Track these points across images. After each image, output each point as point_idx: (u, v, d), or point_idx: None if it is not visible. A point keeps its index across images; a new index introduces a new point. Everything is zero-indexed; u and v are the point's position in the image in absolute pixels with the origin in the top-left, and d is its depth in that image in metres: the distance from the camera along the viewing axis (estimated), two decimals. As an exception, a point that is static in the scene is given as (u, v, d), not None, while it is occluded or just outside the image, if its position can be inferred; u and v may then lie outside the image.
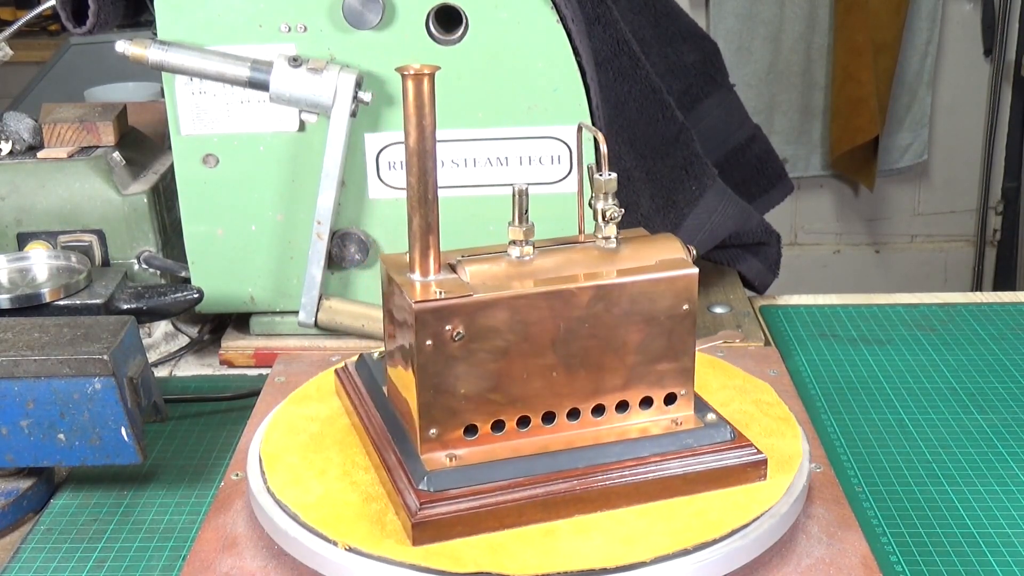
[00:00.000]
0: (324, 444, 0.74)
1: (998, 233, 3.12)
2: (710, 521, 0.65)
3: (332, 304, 1.02)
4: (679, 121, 1.09)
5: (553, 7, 0.96)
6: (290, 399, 0.80)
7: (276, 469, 0.71)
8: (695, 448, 0.68)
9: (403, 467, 0.66)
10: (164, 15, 0.97)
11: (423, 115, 0.64)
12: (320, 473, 0.70)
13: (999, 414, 0.93)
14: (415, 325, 0.64)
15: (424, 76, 0.63)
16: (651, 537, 0.64)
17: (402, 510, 0.64)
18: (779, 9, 2.85)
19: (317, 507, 0.67)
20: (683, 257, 0.70)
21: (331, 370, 0.84)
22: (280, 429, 0.76)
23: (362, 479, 0.70)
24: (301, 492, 0.68)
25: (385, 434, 0.70)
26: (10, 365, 0.76)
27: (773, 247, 1.20)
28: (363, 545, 0.63)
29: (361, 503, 0.67)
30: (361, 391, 0.75)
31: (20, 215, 1.05)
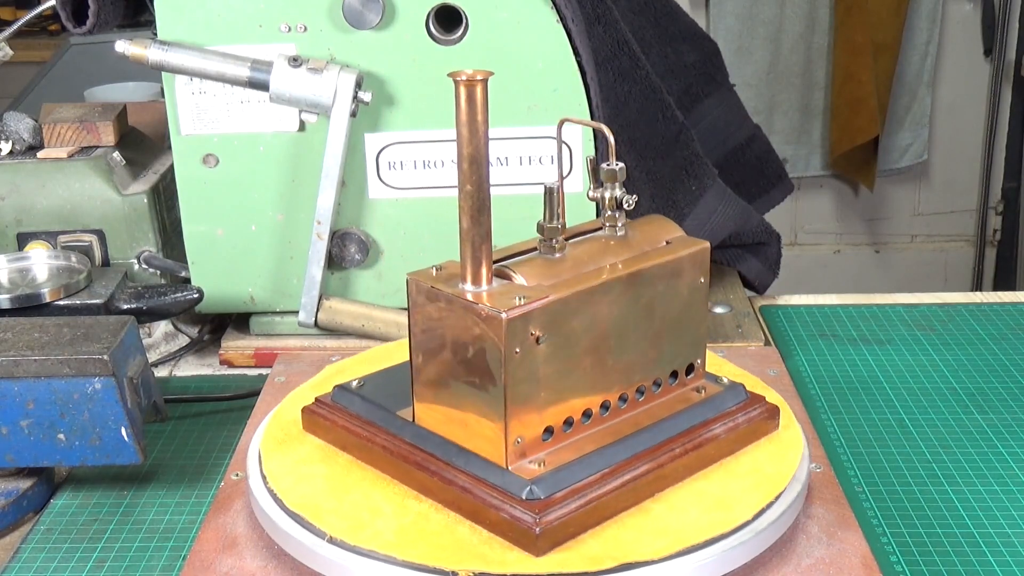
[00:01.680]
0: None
1: (998, 233, 3.12)
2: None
3: (332, 304, 1.02)
4: (679, 121, 1.09)
5: (553, 7, 0.96)
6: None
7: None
8: (729, 410, 0.73)
9: (486, 483, 0.65)
10: (164, 15, 0.97)
11: (476, 121, 0.63)
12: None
13: (999, 414, 0.93)
14: (504, 334, 0.63)
15: (477, 82, 0.62)
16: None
17: (507, 524, 0.63)
18: (779, 9, 2.85)
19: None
20: (683, 234, 0.74)
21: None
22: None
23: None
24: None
25: (430, 455, 0.68)
26: (10, 365, 0.76)
27: (773, 247, 1.20)
28: (475, 564, 0.61)
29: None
30: (361, 420, 0.72)
31: (20, 215, 1.05)
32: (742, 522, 0.64)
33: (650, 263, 0.70)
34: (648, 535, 0.64)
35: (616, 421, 0.70)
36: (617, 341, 0.69)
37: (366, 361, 0.82)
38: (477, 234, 0.64)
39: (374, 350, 0.85)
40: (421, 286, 0.67)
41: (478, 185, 0.64)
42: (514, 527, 0.63)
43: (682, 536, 0.64)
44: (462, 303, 0.64)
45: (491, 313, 0.63)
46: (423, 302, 0.67)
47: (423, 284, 0.67)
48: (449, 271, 0.68)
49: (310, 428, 0.74)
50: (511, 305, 0.63)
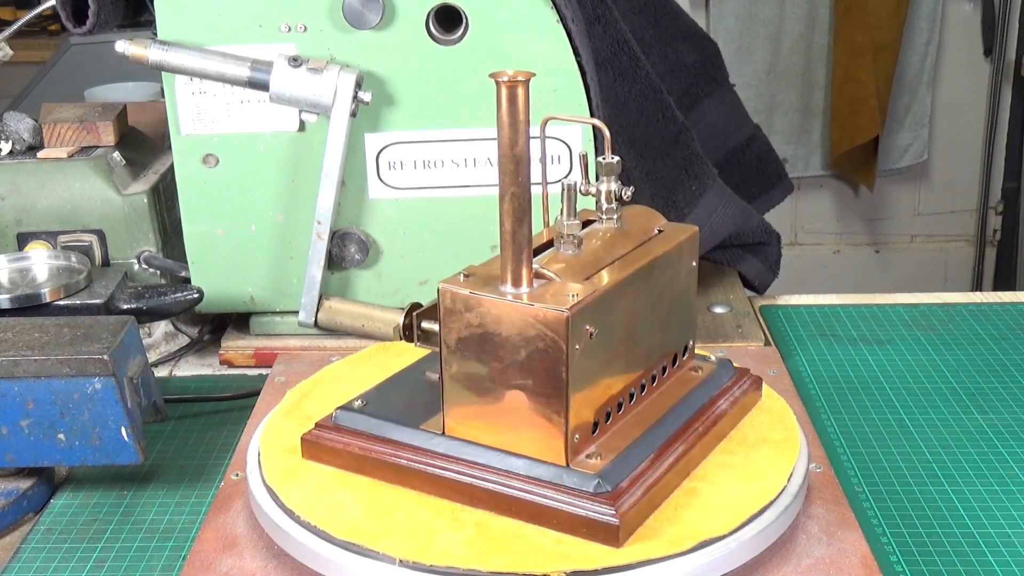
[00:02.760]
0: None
1: (998, 233, 3.12)
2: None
3: (332, 304, 1.02)
4: (679, 121, 1.09)
5: (553, 7, 0.96)
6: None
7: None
8: (727, 385, 0.76)
9: (548, 483, 0.65)
10: (164, 15, 0.97)
11: (519, 122, 0.62)
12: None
13: (999, 414, 0.93)
14: (567, 332, 0.63)
15: (519, 83, 0.62)
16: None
17: (582, 521, 0.63)
18: (779, 9, 2.85)
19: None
20: (666, 222, 0.76)
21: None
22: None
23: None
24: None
25: (473, 464, 0.67)
26: (10, 365, 0.76)
27: (773, 247, 1.20)
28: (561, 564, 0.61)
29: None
30: (381, 439, 0.70)
31: (20, 215, 1.05)
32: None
33: (660, 251, 0.72)
34: (707, 512, 0.66)
35: (641, 407, 0.72)
36: (639, 329, 0.71)
37: (324, 383, 0.81)
38: (523, 236, 0.64)
39: (328, 371, 0.83)
40: (458, 295, 0.66)
41: (524, 187, 0.63)
42: (591, 522, 0.63)
43: (737, 509, 0.66)
44: (515, 306, 0.64)
45: (552, 312, 0.63)
46: (461, 311, 0.66)
47: (460, 293, 0.65)
48: (481, 276, 0.67)
49: (314, 456, 0.72)
50: (569, 303, 0.63)
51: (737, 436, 0.74)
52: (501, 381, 0.66)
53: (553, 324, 0.63)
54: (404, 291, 1.04)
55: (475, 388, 0.67)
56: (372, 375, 0.80)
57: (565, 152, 1.00)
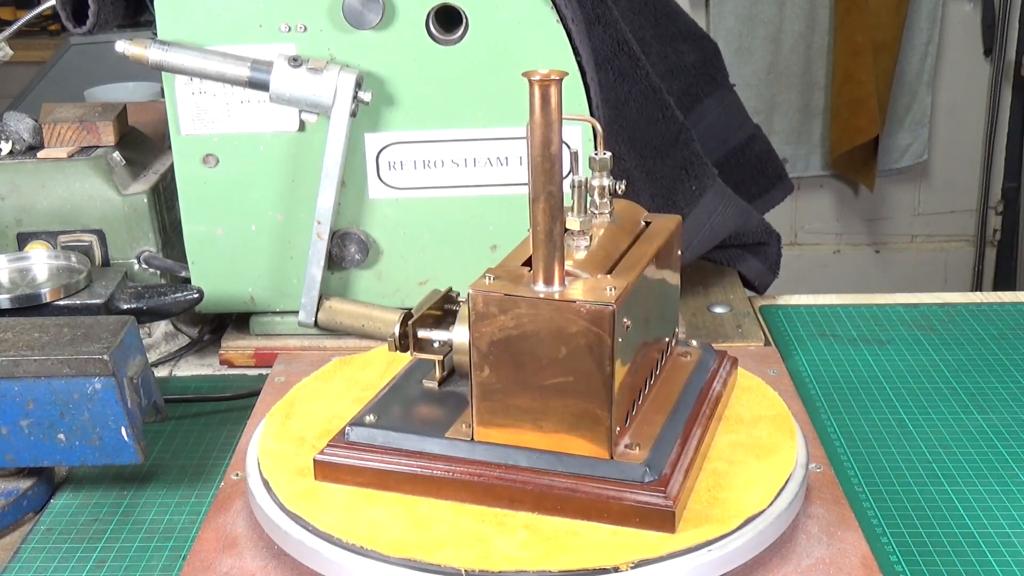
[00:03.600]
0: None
1: (998, 233, 3.12)
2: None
3: (332, 304, 1.02)
4: (679, 121, 1.09)
5: (553, 7, 0.96)
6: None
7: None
8: (715, 368, 0.79)
9: (596, 478, 0.65)
10: (164, 15, 0.97)
11: (552, 122, 0.62)
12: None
13: (999, 414, 0.93)
14: (612, 327, 0.63)
15: (552, 82, 0.62)
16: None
17: (636, 511, 0.64)
18: (779, 9, 2.85)
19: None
20: (647, 212, 0.78)
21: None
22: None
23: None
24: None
25: (512, 467, 0.67)
26: (10, 365, 0.75)
27: (773, 247, 1.20)
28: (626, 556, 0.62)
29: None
30: (406, 452, 0.69)
31: (20, 215, 1.05)
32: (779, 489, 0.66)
33: (660, 242, 0.73)
34: (741, 490, 0.68)
35: (652, 395, 0.73)
36: (652, 319, 0.72)
37: (301, 402, 0.79)
38: (557, 235, 0.64)
39: (299, 390, 0.81)
40: (492, 297, 0.65)
41: (559, 186, 0.63)
42: (645, 511, 0.64)
43: (767, 483, 0.68)
44: (555, 304, 0.64)
45: (596, 307, 0.63)
46: (494, 313, 0.65)
47: (494, 295, 0.65)
48: (508, 277, 0.66)
49: (330, 476, 0.70)
50: (609, 297, 0.64)
51: (731, 415, 0.76)
52: (538, 381, 0.66)
53: (597, 319, 0.63)
54: (404, 291, 1.04)
55: (508, 391, 0.66)
56: (345, 390, 0.79)
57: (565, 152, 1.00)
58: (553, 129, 0.62)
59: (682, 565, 0.62)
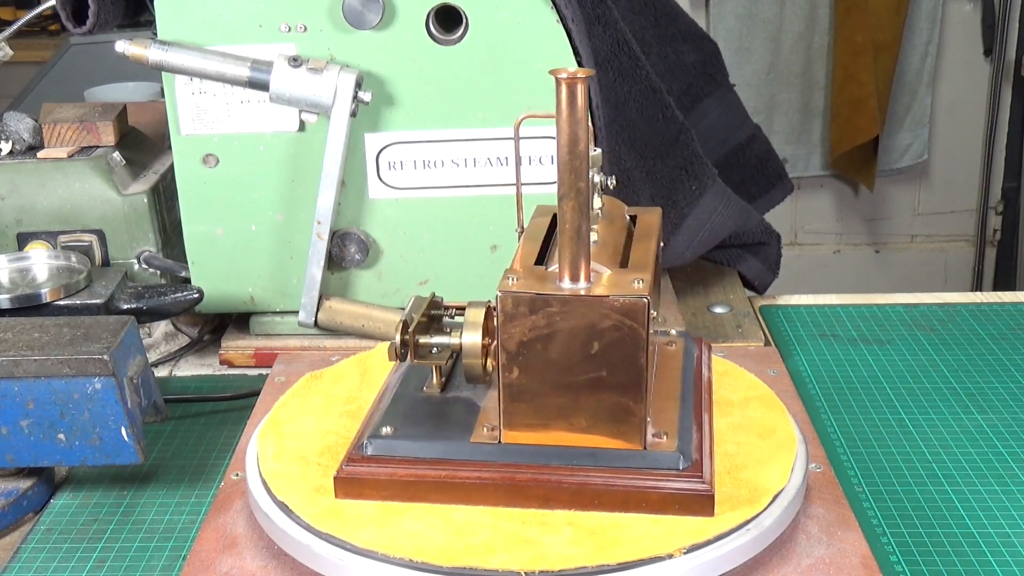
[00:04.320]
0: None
1: (998, 233, 3.12)
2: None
3: (332, 304, 1.02)
4: (679, 121, 1.09)
5: (553, 7, 0.96)
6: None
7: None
8: (699, 354, 0.80)
9: (633, 469, 0.66)
10: (164, 15, 0.97)
11: (579, 120, 0.63)
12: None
13: (999, 414, 0.93)
14: (646, 319, 0.64)
15: (579, 80, 0.62)
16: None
17: (677, 498, 0.65)
18: (779, 9, 2.85)
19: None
20: (625, 205, 0.79)
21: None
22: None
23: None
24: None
25: (546, 467, 0.67)
26: (10, 365, 0.75)
27: (773, 247, 1.20)
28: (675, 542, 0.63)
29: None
30: (434, 461, 0.68)
31: (20, 215, 1.05)
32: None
33: (655, 235, 0.74)
34: (757, 469, 0.69)
35: (657, 383, 0.74)
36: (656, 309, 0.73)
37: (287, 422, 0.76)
38: (585, 232, 0.65)
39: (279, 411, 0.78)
40: (522, 298, 0.65)
41: (587, 182, 0.64)
42: (685, 497, 0.65)
43: (779, 459, 0.70)
44: (588, 299, 0.64)
45: (630, 300, 0.64)
46: (524, 313, 0.65)
47: (525, 295, 0.65)
48: (532, 277, 0.66)
49: (352, 493, 0.68)
50: (640, 289, 0.64)
51: (721, 399, 0.77)
52: (570, 378, 0.66)
53: (632, 311, 0.64)
54: (404, 291, 1.04)
55: (538, 390, 0.66)
56: (328, 405, 0.77)
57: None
58: (580, 126, 0.62)
59: (727, 545, 0.64)
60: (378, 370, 0.81)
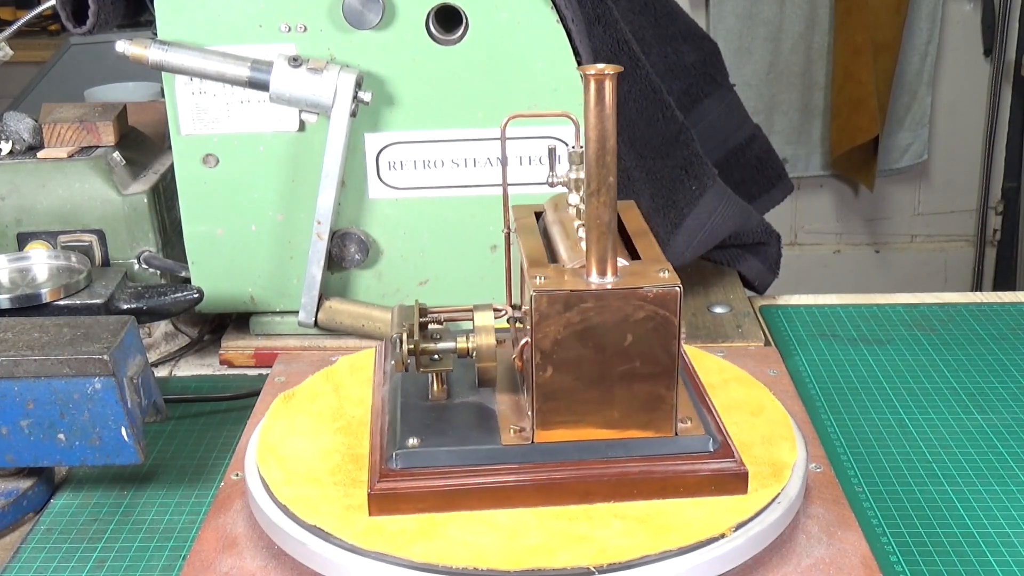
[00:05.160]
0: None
1: (998, 233, 3.12)
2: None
3: (332, 304, 1.02)
4: (679, 121, 1.09)
5: (553, 7, 0.96)
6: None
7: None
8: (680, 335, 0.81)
9: (667, 456, 0.67)
10: (164, 15, 0.97)
11: (607, 116, 0.63)
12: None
13: (999, 414, 0.93)
14: (677, 307, 0.65)
15: (607, 76, 0.62)
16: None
17: (712, 479, 0.67)
18: (779, 9, 2.85)
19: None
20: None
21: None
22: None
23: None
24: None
25: (582, 462, 0.67)
26: (10, 365, 0.75)
27: (773, 247, 1.20)
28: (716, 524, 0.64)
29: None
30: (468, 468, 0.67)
31: (20, 215, 1.05)
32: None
33: (646, 228, 0.74)
34: (765, 445, 0.71)
35: None
36: None
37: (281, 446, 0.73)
38: (614, 226, 0.65)
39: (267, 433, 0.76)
40: (557, 296, 0.65)
41: (615, 176, 0.64)
42: (721, 478, 0.67)
43: (779, 433, 0.73)
44: (622, 292, 0.65)
45: (662, 291, 0.65)
46: (559, 311, 0.65)
47: (559, 293, 0.65)
48: (560, 274, 0.66)
49: (388, 509, 0.66)
50: (668, 279, 0.65)
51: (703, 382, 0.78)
52: (604, 372, 0.66)
53: (665, 301, 0.65)
54: (404, 291, 1.04)
55: (572, 387, 0.66)
56: (317, 424, 0.75)
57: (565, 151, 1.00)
58: (609, 122, 0.63)
59: (767, 518, 0.66)
60: (350, 384, 0.80)
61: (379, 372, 0.79)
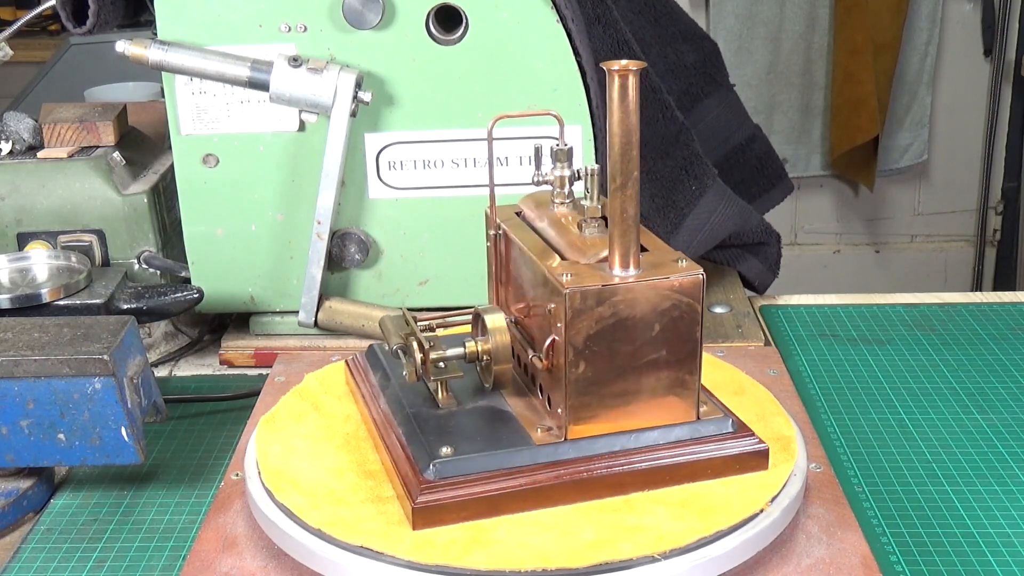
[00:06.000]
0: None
1: (998, 233, 3.12)
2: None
3: (332, 304, 1.02)
4: (679, 121, 1.09)
5: (553, 7, 0.96)
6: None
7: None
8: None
9: (693, 440, 0.69)
10: (164, 15, 0.97)
11: (631, 111, 0.63)
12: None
13: (999, 414, 0.93)
14: (701, 294, 0.67)
15: (630, 71, 0.63)
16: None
17: (739, 459, 0.69)
18: (779, 9, 2.85)
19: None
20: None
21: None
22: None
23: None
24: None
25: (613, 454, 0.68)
26: (10, 365, 0.75)
27: (773, 247, 1.20)
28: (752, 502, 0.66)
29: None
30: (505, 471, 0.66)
31: (20, 215, 1.05)
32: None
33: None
34: (767, 423, 0.74)
35: None
36: None
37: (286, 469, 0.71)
38: (638, 219, 0.66)
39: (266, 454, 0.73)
40: (590, 292, 0.65)
41: (638, 170, 0.65)
42: (745, 457, 0.69)
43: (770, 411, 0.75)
44: (651, 283, 0.66)
45: (687, 279, 0.66)
46: (592, 307, 0.65)
47: (592, 289, 0.65)
48: (585, 270, 0.67)
49: (433, 520, 0.65)
50: (689, 268, 0.67)
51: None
52: (633, 362, 0.67)
53: (690, 289, 0.67)
54: (404, 291, 1.04)
55: (603, 380, 0.67)
56: (314, 444, 0.73)
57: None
58: (633, 117, 0.64)
59: (792, 489, 0.68)
60: (327, 402, 0.79)
61: (364, 385, 0.77)
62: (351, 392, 0.80)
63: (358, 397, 0.78)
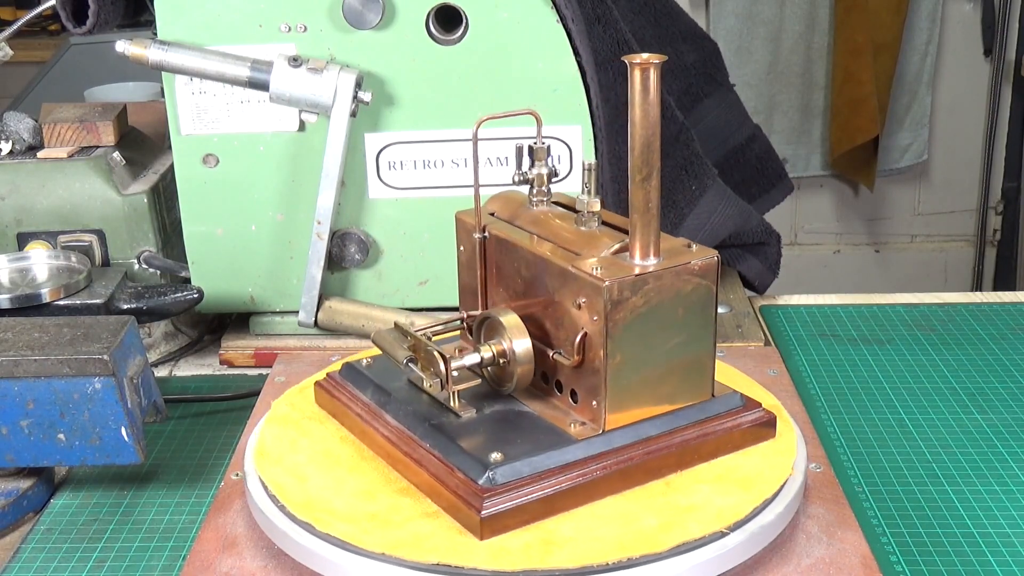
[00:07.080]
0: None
1: (998, 233, 3.12)
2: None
3: (332, 304, 1.02)
4: (679, 121, 1.09)
5: (553, 7, 0.96)
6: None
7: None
8: None
9: (712, 417, 0.71)
10: (164, 15, 0.97)
11: (652, 105, 0.64)
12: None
13: (999, 414, 0.93)
14: (716, 275, 0.69)
15: (651, 65, 0.64)
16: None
17: (754, 431, 0.72)
18: (779, 9, 2.85)
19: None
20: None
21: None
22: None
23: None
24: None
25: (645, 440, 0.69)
26: (10, 365, 0.76)
27: (773, 247, 1.20)
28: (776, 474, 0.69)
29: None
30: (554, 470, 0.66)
31: (20, 215, 1.05)
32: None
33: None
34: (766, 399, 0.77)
35: None
36: None
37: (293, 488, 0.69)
38: (658, 209, 0.67)
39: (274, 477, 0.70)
40: (626, 282, 0.66)
41: (660, 163, 0.66)
42: (756, 428, 0.72)
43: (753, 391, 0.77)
44: (675, 270, 0.67)
45: (704, 263, 0.68)
46: (628, 297, 0.66)
47: (627, 279, 0.66)
48: (612, 262, 0.67)
49: (498, 528, 0.64)
50: (703, 252, 0.69)
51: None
52: (661, 348, 0.69)
53: (708, 272, 0.69)
54: (404, 291, 1.04)
55: (637, 369, 0.68)
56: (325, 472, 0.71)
57: (565, 152, 1.00)
58: (654, 110, 0.65)
59: (792, 489, 0.69)
60: (310, 427, 0.76)
61: (355, 404, 0.75)
62: (333, 413, 0.77)
63: (348, 416, 0.75)
